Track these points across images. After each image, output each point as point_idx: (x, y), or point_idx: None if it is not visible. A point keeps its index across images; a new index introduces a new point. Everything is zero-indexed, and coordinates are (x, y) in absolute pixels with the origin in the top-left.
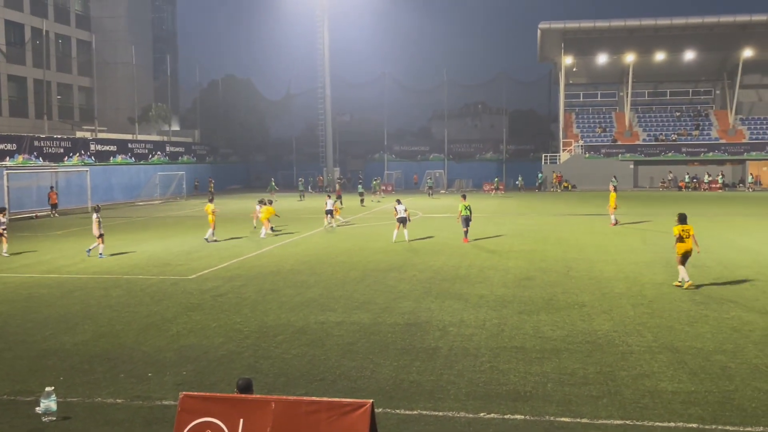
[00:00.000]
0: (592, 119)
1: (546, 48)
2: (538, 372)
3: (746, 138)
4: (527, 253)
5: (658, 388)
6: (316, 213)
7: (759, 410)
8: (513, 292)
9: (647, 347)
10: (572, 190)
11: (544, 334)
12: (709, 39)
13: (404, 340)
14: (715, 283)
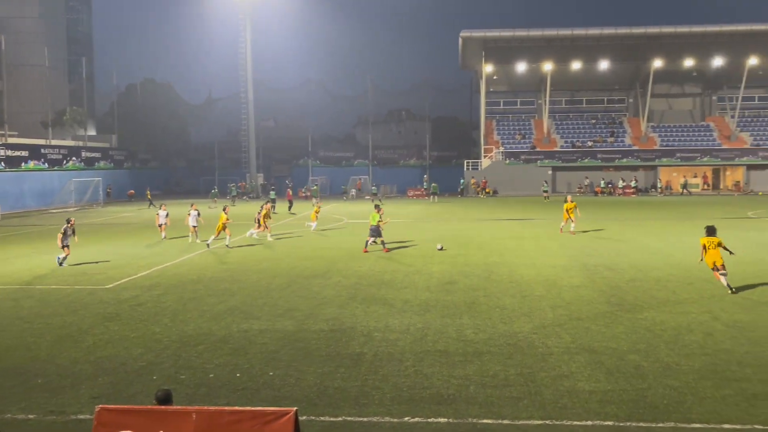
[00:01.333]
0: (512, 126)
1: (467, 56)
2: (461, 375)
3: (657, 145)
4: (450, 257)
5: (576, 388)
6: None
7: (670, 407)
8: (436, 297)
9: (566, 348)
10: (494, 196)
11: (466, 337)
12: (623, 49)
13: (329, 346)
14: (630, 285)
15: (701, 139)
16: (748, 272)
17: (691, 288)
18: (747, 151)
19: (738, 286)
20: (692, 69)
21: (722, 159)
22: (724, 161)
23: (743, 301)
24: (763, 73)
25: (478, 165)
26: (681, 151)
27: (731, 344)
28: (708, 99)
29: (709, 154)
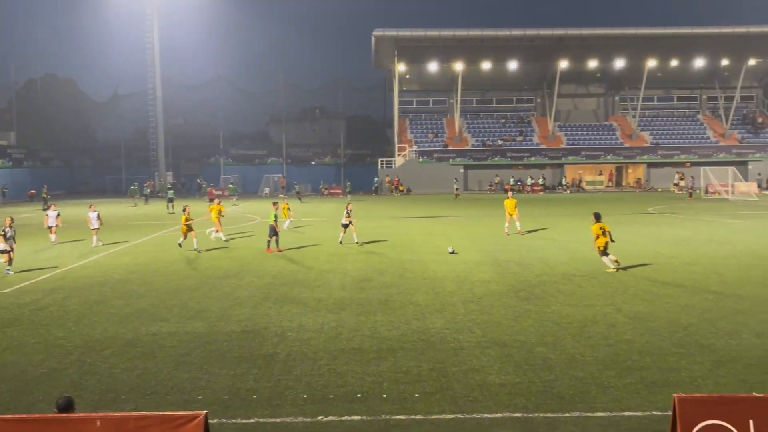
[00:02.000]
0: (425, 125)
1: (380, 55)
2: (374, 372)
3: (564, 143)
4: (364, 255)
5: (487, 381)
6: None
7: (576, 397)
8: (351, 295)
9: (477, 343)
10: (408, 194)
11: (380, 334)
12: (531, 50)
13: (241, 347)
14: (538, 280)
15: (605, 138)
16: (647, 265)
17: (596, 282)
18: (647, 150)
19: (637, 279)
20: (596, 70)
21: (624, 157)
22: (626, 159)
23: (643, 293)
24: (661, 75)
25: (392, 163)
26: (586, 150)
27: (632, 335)
28: (611, 99)
29: (612, 152)
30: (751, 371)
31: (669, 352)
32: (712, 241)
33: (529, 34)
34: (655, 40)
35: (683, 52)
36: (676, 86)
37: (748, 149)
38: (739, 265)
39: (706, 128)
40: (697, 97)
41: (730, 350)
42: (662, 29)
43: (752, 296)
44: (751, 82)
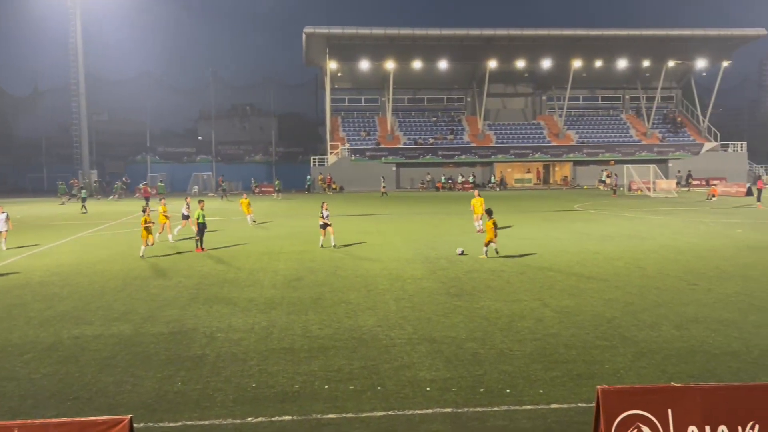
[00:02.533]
0: (357, 123)
1: (312, 52)
2: (306, 371)
3: (493, 142)
4: (297, 254)
5: (418, 378)
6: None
7: (504, 391)
8: (282, 294)
9: (408, 339)
10: (340, 192)
11: (312, 333)
12: (461, 50)
13: (169, 349)
14: (468, 276)
15: (533, 137)
16: (573, 260)
17: (524, 277)
18: (573, 148)
19: (564, 274)
20: (524, 70)
21: (552, 155)
22: (553, 158)
23: (569, 288)
24: (587, 75)
25: (324, 161)
26: (515, 148)
27: (559, 328)
28: (538, 99)
29: (540, 150)
30: (671, 362)
31: (593, 345)
32: (635, 236)
33: (459, 34)
34: (581, 41)
35: (607, 53)
36: (601, 86)
37: (668, 148)
38: (659, 259)
39: (629, 127)
40: (620, 97)
41: (651, 342)
42: (587, 30)
43: (672, 289)
44: (671, 83)
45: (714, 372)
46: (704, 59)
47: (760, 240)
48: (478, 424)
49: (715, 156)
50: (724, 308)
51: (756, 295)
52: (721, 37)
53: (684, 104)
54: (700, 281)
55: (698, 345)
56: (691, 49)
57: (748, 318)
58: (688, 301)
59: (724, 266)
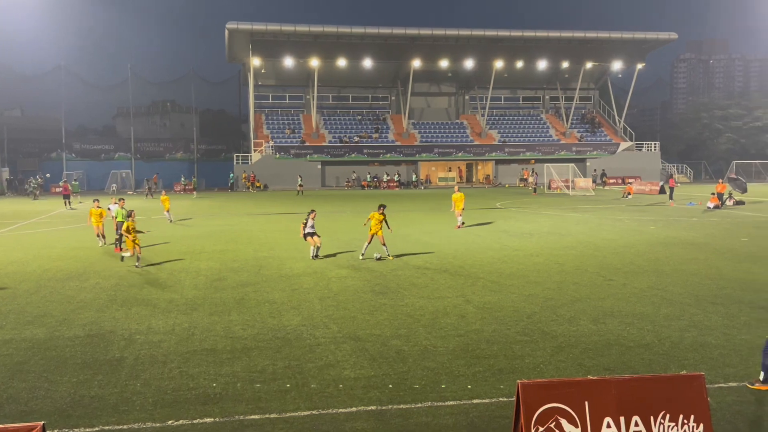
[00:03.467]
0: (281, 120)
1: (234, 48)
2: (228, 372)
3: (418, 141)
4: (219, 253)
5: (342, 376)
6: None
7: (428, 387)
8: (204, 294)
9: (332, 338)
10: (264, 190)
11: (235, 333)
12: (385, 49)
13: (85, 353)
14: (392, 274)
15: (456, 136)
16: (495, 257)
17: (447, 274)
18: (495, 147)
19: (486, 271)
20: (447, 70)
21: (474, 154)
22: (476, 156)
23: (491, 284)
24: (508, 76)
25: (248, 159)
26: (439, 147)
27: (481, 324)
28: (462, 98)
29: (463, 149)
30: (588, 355)
31: (514, 340)
32: (554, 233)
33: (383, 32)
34: (502, 42)
35: (528, 54)
36: (522, 86)
37: (586, 147)
38: (577, 255)
39: (549, 127)
40: (540, 98)
41: (570, 336)
42: (509, 31)
43: (589, 284)
44: (589, 84)
45: (628, 364)
46: (620, 61)
47: (672, 236)
48: (401, 422)
49: (630, 155)
50: (639, 302)
51: (668, 290)
52: (636, 40)
53: (601, 105)
54: (615, 276)
55: (614, 338)
56: (607, 51)
57: (660, 311)
58: (605, 296)
59: (639, 262)
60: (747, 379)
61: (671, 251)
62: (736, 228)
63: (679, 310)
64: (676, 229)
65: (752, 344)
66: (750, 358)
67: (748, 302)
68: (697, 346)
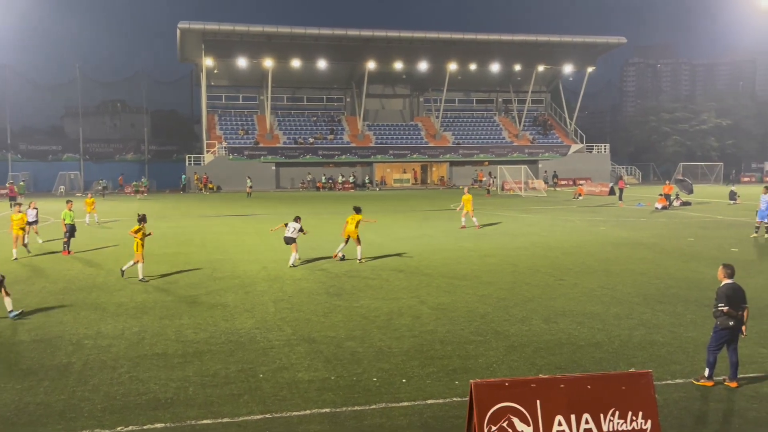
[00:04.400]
0: (234, 121)
1: (186, 48)
2: (179, 377)
3: (373, 142)
4: (170, 256)
5: (296, 379)
6: None
7: (382, 388)
8: (155, 298)
9: (287, 341)
10: (217, 192)
11: (186, 337)
12: (340, 50)
13: (31, 358)
14: (347, 276)
15: (411, 138)
16: (449, 258)
17: (402, 275)
18: (450, 149)
19: (440, 272)
20: (402, 72)
21: (429, 156)
22: (430, 158)
23: (446, 285)
24: (462, 78)
25: (200, 160)
26: (393, 149)
27: (435, 325)
28: (416, 100)
29: (417, 151)
30: (540, 354)
31: (468, 340)
32: (507, 234)
33: (337, 33)
34: (456, 45)
35: (481, 56)
36: (475, 89)
37: (538, 149)
38: (530, 255)
39: (502, 129)
40: (493, 100)
41: (522, 336)
42: (462, 34)
43: (541, 284)
44: (541, 87)
45: (579, 363)
46: (571, 65)
47: (622, 237)
48: (355, 423)
49: (581, 157)
50: (589, 301)
51: (617, 289)
52: (587, 44)
53: (553, 107)
54: (567, 276)
55: (565, 337)
56: (559, 54)
57: (610, 310)
58: (556, 296)
59: (589, 262)
60: (693, 375)
61: (621, 251)
62: (683, 228)
63: (628, 309)
64: (626, 230)
65: (698, 341)
66: (696, 355)
67: (694, 300)
68: (646, 344)
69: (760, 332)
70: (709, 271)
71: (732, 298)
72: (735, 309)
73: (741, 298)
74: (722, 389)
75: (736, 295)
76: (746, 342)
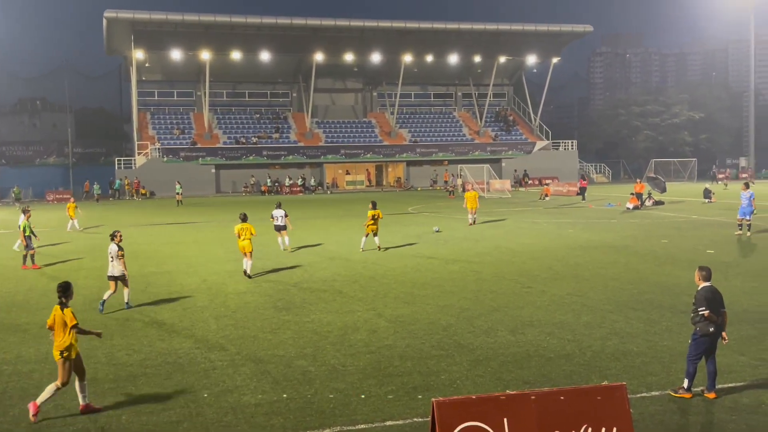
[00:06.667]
0: (169, 120)
1: (114, 39)
2: (111, 404)
3: (323, 141)
4: (100, 270)
5: (242, 402)
6: None
7: (336, 410)
8: (82, 317)
9: (230, 361)
10: (151, 198)
11: (118, 360)
12: (285, 41)
13: None
14: (297, 288)
15: (364, 136)
16: (407, 266)
17: (357, 286)
18: (406, 148)
19: (398, 281)
20: (353, 64)
21: (384, 155)
22: (386, 158)
23: (404, 295)
24: (418, 71)
25: (131, 163)
26: (345, 148)
27: (394, 339)
28: (369, 95)
29: (371, 150)
30: (507, 368)
31: (429, 355)
32: (469, 238)
33: (281, 23)
34: (411, 34)
35: (438, 47)
36: (433, 82)
37: (501, 147)
38: (494, 261)
39: (462, 125)
40: (452, 94)
41: (488, 348)
42: (417, 23)
43: (507, 292)
44: (503, 79)
45: (549, 376)
46: (534, 55)
47: (591, 240)
48: None
49: (547, 155)
50: (558, 310)
51: (588, 296)
52: (551, 33)
53: (516, 102)
54: (534, 283)
55: (533, 349)
56: (521, 44)
57: (580, 319)
58: (523, 304)
59: (558, 267)
60: (669, 387)
61: (590, 255)
62: (656, 229)
63: (600, 317)
64: (595, 232)
65: (674, 351)
66: (672, 365)
67: (669, 306)
68: (619, 354)
69: (738, 339)
70: (684, 274)
71: (711, 301)
72: (715, 313)
73: (720, 302)
74: (700, 401)
75: (715, 298)
76: (724, 350)
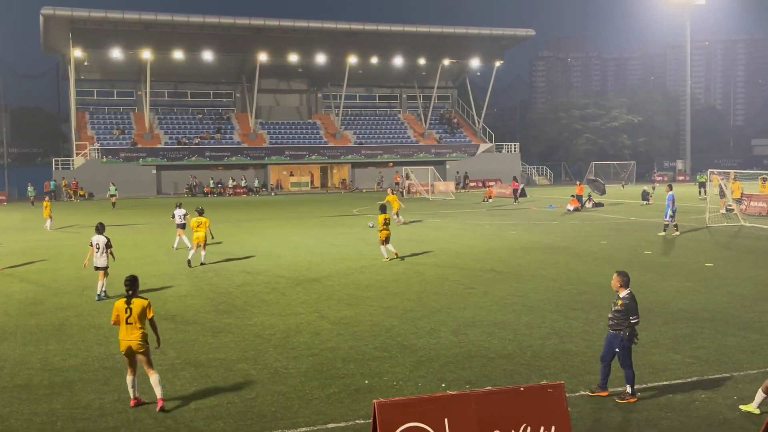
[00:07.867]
0: (109, 120)
1: (52, 37)
2: (46, 411)
3: (267, 142)
4: (35, 273)
5: (181, 407)
6: None
7: (278, 414)
8: (17, 322)
9: (170, 365)
10: (89, 199)
11: (54, 365)
12: (228, 40)
13: None
14: (239, 290)
15: (309, 137)
16: (351, 268)
17: (300, 288)
18: (351, 149)
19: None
20: (298, 65)
21: (329, 157)
22: (331, 159)
23: (348, 297)
24: (363, 72)
25: (69, 164)
26: (290, 149)
27: (337, 341)
28: (314, 96)
29: (317, 152)
30: (449, 368)
31: (372, 356)
32: (413, 240)
33: (224, 22)
34: (356, 36)
35: (384, 49)
36: (378, 84)
37: (445, 149)
38: (437, 263)
39: (407, 128)
40: (397, 96)
41: (430, 349)
42: (362, 24)
43: (450, 293)
44: (447, 82)
45: (490, 376)
46: (478, 58)
47: (533, 240)
48: None
49: (490, 157)
50: (500, 310)
51: (529, 296)
52: (493, 36)
53: (460, 104)
54: (476, 284)
55: (475, 349)
56: (465, 47)
57: (521, 319)
58: (466, 305)
59: (500, 268)
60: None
61: (532, 256)
62: (595, 230)
63: (540, 317)
64: (537, 233)
65: None
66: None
67: (607, 306)
68: (558, 354)
69: (673, 338)
70: None
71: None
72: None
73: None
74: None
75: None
76: (659, 348)
